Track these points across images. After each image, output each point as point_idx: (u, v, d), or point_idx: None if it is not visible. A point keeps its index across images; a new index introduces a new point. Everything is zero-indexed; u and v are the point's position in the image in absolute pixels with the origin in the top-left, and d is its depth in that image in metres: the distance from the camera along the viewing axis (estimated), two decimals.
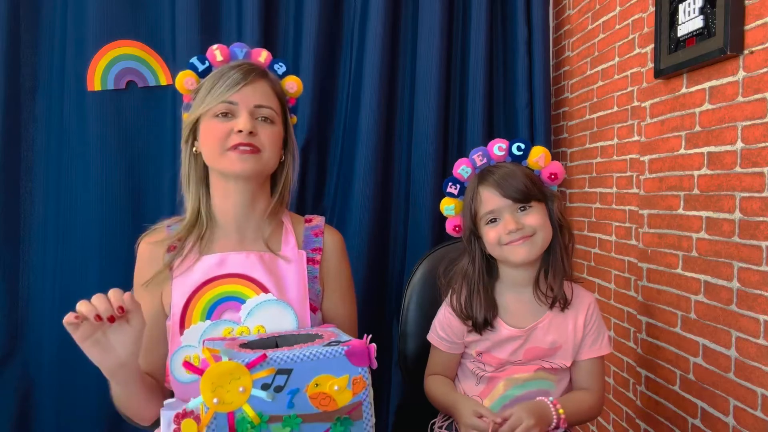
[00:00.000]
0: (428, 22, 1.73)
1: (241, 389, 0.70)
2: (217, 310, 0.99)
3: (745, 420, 1.10)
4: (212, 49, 1.10)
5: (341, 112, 1.77)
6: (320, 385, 0.73)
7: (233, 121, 1.01)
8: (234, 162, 1.00)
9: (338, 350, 0.74)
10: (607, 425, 1.67)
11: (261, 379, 0.71)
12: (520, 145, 1.12)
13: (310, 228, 1.13)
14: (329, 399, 0.73)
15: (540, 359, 1.11)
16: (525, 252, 1.06)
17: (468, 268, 1.13)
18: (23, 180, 1.64)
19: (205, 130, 1.03)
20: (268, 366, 0.71)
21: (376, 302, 1.74)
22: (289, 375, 0.72)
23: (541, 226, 1.07)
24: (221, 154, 1.01)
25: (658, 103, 1.38)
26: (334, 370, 0.74)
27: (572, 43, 1.85)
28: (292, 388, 0.72)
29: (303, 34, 1.70)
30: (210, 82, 1.04)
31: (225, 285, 1.01)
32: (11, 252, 1.62)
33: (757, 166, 1.07)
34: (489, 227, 1.09)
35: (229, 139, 1.00)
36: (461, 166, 1.13)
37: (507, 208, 1.06)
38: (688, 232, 1.27)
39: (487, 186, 1.08)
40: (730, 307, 1.14)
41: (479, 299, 1.11)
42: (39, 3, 1.64)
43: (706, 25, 1.17)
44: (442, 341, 1.17)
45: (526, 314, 1.12)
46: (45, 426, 1.65)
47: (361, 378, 0.75)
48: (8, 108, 1.60)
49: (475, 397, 1.14)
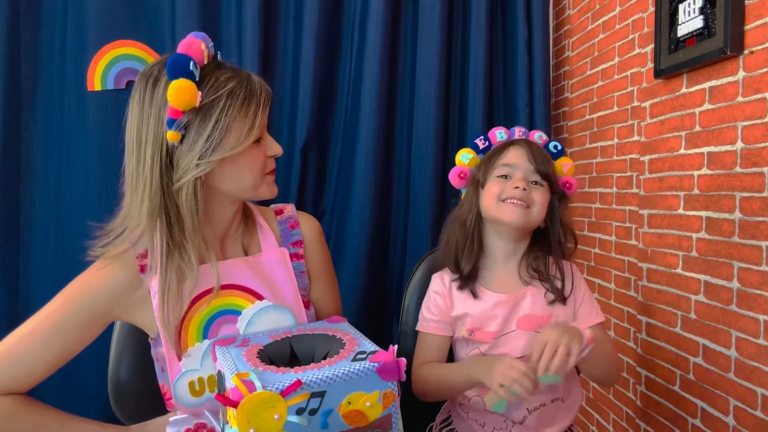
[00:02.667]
0: (428, 23, 1.73)
1: (276, 417, 0.69)
2: (213, 326, 0.93)
3: (745, 420, 1.10)
4: (200, 50, 0.85)
5: (341, 112, 1.77)
6: (353, 403, 0.72)
7: (263, 145, 0.94)
8: (270, 187, 0.96)
9: (369, 367, 0.74)
10: (607, 425, 1.67)
11: (296, 405, 0.70)
12: (557, 145, 1.17)
13: (284, 221, 1.06)
14: (361, 415, 0.73)
15: (536, 328, 1.08)
16: (518, 215, 1.07)
17: (466, 216, 1.15)
18: (23, 180, 1.64)
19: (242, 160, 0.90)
20: (302, 391, 0.70)
21: (376, 302, 1.74)
22: (322, 397, 0.71)
23: (541, 203, 1.08)
24: (261, 179, 0.94)
25: (658, 103, 1.38)
26: (365, 387, 0.73)
27: (572, 43, 1.85)
28: (326, 409, 0.71)
29: (303, 34, 1.70)
30: (234, 103, 0.86)
31: (217, 299, 0.93)
32: (11, 252, 1.62)
33: (757, 166, 1.07)
34: (497, 180, 1.11)
35: (266, 165, 0.95)
36: (500, 130, 1.18)
37: (525, 170, 1.09)
38: (688, 232, 1.27)
39: (520, 147, 1.12)
40: (730, 307, 1.14)
41: (471, 251, 1.13)
42: (39, 3, 1.64)
43: (706, 25, 1.17)
44: (430, 322, 1.15)
45: (513, 284, 1.13)
46: None
47: (391, 392, 0.75)
48: (8, 108, 1.60)
49: (474, 398, 1.13)
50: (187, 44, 0.84)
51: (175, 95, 0.81)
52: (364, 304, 1.71)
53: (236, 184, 0.91)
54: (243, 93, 0.86)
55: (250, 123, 0.87)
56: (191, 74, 0.82)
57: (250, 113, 0.87)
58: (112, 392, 1.13)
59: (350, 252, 1.71)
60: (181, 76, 0.81)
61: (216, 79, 0.86)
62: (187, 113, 0.83)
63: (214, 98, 0.84)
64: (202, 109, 0.84)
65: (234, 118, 0.86)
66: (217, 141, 0.85)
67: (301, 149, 1.69)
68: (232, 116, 0.85)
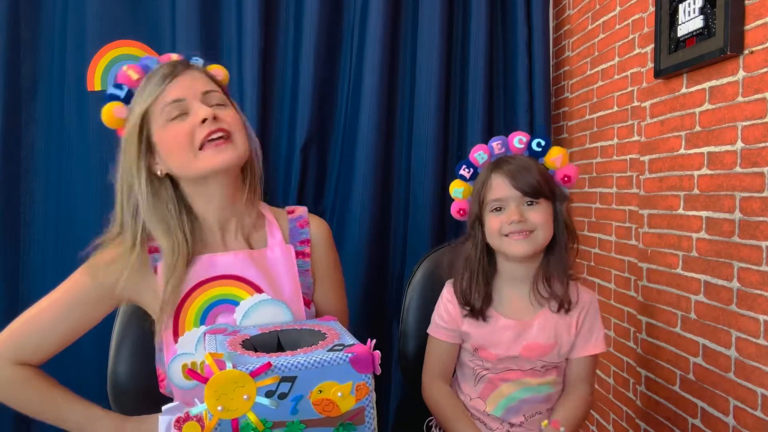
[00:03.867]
0: (428, 22, 1.73)
1: (245, 397, 0.71)
2: (210, 314, 0.97)
3: (745, 420, 1.10)
4: (123, 71, 0.99)
5: (341, 112, 1.77)
6: (324, 392, 0.73)
7: (189, 118, 0.93)
8: (211, 158, 0.93)
9: (343, 357, 0.74)
10: (607, 425, 1.67)
11: (265, 387, 0.71)
12: (540, 142, 1.12)
13: (294, 219, 1.09)
14: (332, 405, 0.74)
15: (539, 357, 1.11)
16: (523, 248, 1.06)
17: (470, 252, 1.14)
18: (23, 180, 1.63)
19: (166, 139, 0.94)
20: (272, 374, 0.72)
21: (376, 302, 1.74)
22: (293, 382, 0.72)
23: (543, 224, 1.07)
24: (195, 156, 0.93)
25: (658, 103, 1.38)
26: (338, 377, 0.73)
27: (572, 43, 1.85)
28: (295, 395, 0.72)
29: (303, 34, 1.70)
30: (141, 95, 0.95)
31: (217, 288, 0.98)
32: (11, 252, 1.62)
33: (757, 166, 1.07)
34: (493, 215, 1.09)
35: (195, 136, 0.92)
36: (478, 152, 1.14)
37: (515, 199, 1.07)
38: (688, 232, 1.27)
39: (500, 174, 1.09)
40: (730, 307, 1.14)
41: (478, 287, 1.12)
42: (39, 3, 1.63)
43: (706, 25, 1.17)
44: (441, 329, 1.16)
45: (522, 310, 1.12)
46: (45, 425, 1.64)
47: (365, 384, 0.75)
48: (8, 108, 1.60)
49: (475, 399, 1.13)
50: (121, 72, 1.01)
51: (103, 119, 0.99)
52: (364, 304, 1.71)
53: (175, 164, 0.96)
54: (144, 83, 0.96)
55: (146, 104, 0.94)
56: (113, 96, 0.99)
57: (145, 95, 0.95)
58: (111, 391, 1.13)
59: (350, 252, 1.71)
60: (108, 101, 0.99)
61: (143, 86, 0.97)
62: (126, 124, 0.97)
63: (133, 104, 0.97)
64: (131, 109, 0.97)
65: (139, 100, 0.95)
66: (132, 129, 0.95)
67: (301, 149, 1.69)
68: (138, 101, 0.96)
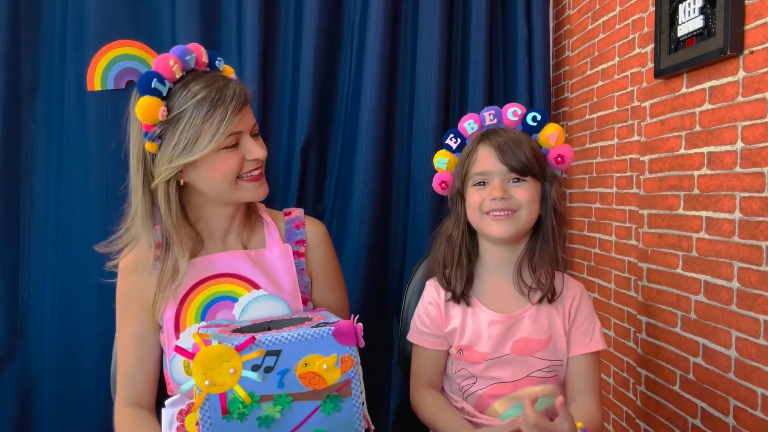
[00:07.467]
0: (428, 22, 1.73)
1: (231, 371, 0.73)
2: (210, 311, 1.01)
3: (745, 420, 1.10)
4: (169, 66, 0.93)
5: (341, 112, 1.77)
6: (309, 365, 0.76)
7: (240, 149, 0.98)
8: (253, 191, 1.01)
9: (325, 330, 0.77)
10: (607, 425, 1.67)
11: (251, 361, 0.74)
12: (536, 116, 1.04)
13: (290, 221, 1.13)
14: (318, 378, 0.76)
15: (531, 354, 1.04)
16: (503, 228, 0.99)
17: (452, 231, 1.08)
18: (23, 180, 1.64)
19: (214, 164, 0.97)
20: (257, 348, 0.74)
21: (376, 302, 1.74)
22: (278, 356, 0.75)
23: (528, 203, 1.00)
24: (235, 185, 0.99)
25: (658, 103, 1.38)
26: (322, 350, 0.76)
27: (572, 43, 1.85)
28: (281, 369, 0.75)
29: (303, 34, 1.69)
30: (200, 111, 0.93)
31: (216, 286, 1.02)
32: (11, 252, 1.62)
33: (757, 166, 1.07)
34: (475, 189, 1.02)
35: (242, 168, 0.99)
36: (468, 120, 1.07)
37: (500, 174, 1.00)
38: (688, 232, 1.27)
39: (488, 146, 1.01)
40: (730, 307, 1.14)
41: (460, 268, 1.06)
42: (39, 2, 1.63)
43: (706, 25, 1.17)
44: (424, 336, 1.09)
45: (509, 300, 1.05)
46: (45, 426, 1.64)
47: (349, 357, 0.77)
48: (8, 108, 1.60)
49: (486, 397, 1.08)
50: (156, 61, 0.94)
51: (140, 112, 0.92)
52: (364, 305, 1.70)
53: (211, 186, 0.99)
54: (209, 102, 0.93)
55: (215, 130, 0.93)
56: (155, 90, 0.92)
57: (216, 121, 0.93)
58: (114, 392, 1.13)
59: (350, 252, 1.71)
60: (146, 93, 0.92)
61: (188, 90, 0.94)
62: (159, 125, 0.93)
63: (182, 109, 0.93)
64: (172, 119, 0.93)
65: (200, 126, 0.92)
66: (185, 147, 0.93)
67: (301, 149, 1.69)
68: (197, 125, 0.92)
